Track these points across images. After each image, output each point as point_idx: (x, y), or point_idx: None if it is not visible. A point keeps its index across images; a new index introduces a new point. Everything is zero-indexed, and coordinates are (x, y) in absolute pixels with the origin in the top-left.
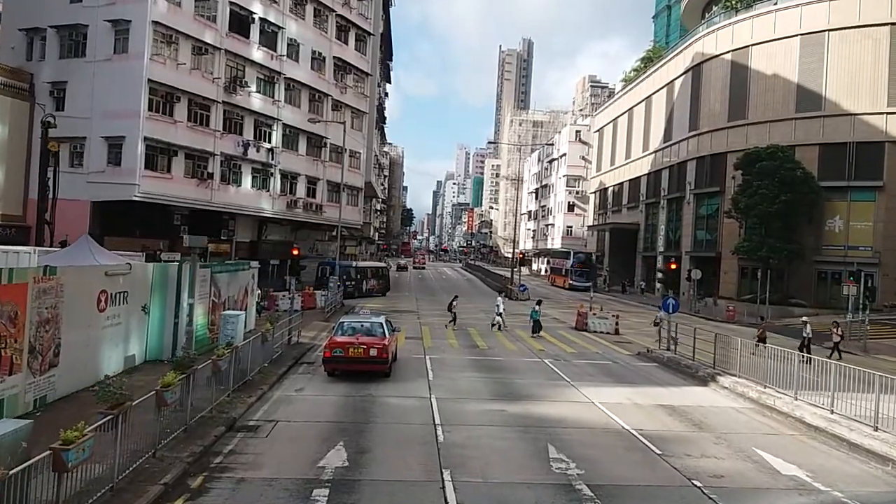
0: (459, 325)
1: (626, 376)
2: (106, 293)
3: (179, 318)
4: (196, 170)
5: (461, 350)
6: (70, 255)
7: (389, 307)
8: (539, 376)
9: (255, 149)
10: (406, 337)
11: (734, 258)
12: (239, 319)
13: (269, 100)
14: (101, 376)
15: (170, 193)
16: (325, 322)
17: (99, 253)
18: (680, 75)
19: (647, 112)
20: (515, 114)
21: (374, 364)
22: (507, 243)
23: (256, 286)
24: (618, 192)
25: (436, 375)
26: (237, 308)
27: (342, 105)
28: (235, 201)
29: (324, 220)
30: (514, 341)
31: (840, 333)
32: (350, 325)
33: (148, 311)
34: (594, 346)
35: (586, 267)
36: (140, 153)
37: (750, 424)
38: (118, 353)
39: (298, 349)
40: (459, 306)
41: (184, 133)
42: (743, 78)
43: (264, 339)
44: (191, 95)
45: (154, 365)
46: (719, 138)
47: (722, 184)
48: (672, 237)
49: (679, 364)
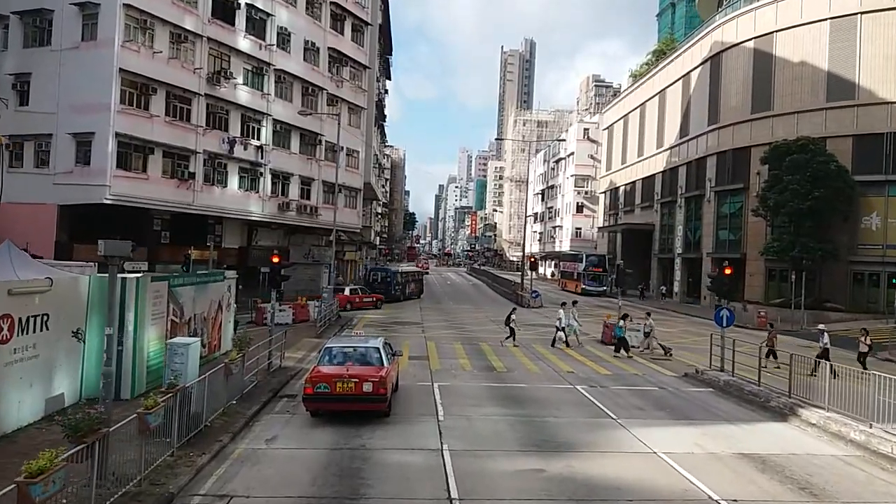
0: (470, 339)
1: (684, 409)
2: (10, 318)
3: (125, 344)
4: (176, 169)
5: (475, 373)
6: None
7: (391, 318)
8: (576, 411)
9: (243, 146)
10: (410, 356)
11: (760, 259)
12: (190, 350)
13: (258, 93)
14: (4, 428)
15: (146, 195)
16: (316, 339)
17: (23, 265)
18: (697, 66)
19: (660, 107)
20: (519, 113)
21: (370, 403)
22: (511, 246)
23: (233, 299)
24: (630, 192)
25: (447, 412)
26: (218, 325)
27: (338, 100)
28: (221, 204)
29: (319, 224)
30: (535, 360)
31: (868, 342)
32: (339, 351)
33: (83, 338)
34: (630, 366)
35: (600, 270)
36: (111, 151)
37: (873, 486)
38: (35, 395)
39: (280, 376)
40: (466, 315)
41: (161, 129)
42: (767, 67)
43: (228, 372)
44: (169, 87)
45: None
46: (742, 132)
47: (746, 180)
48: (691, 238)
49: (741, 390)
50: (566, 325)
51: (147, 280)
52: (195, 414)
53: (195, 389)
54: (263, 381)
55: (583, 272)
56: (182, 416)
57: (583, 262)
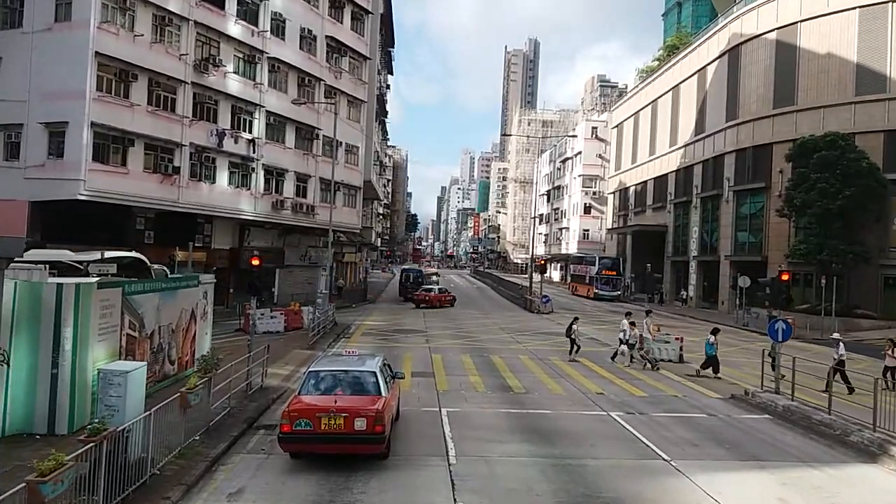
0: (479, 350)
1: (746, 445)
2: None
3: (60, 367)
4: (159, 163)
5: (489, 395)
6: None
7: (392, 325)
8: (618, 449)
9: (233, 139)
10: (413, 373)
11: (784, 263)
12: (131, 379)
13: (250, 83)
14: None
15: (125, 191)
16: (308, 350)
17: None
18: (714, 60)
19: (674, 103)
20: (524, 113)
21: (363, 444)
22: (516, 248)
23: (211, 306)
24: (641, 192)
25: (460, 450)
26: (189, 338)
27: (337, 91)
28: (209, 201)
29: (317, 224)
30: (555, 377)
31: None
32: (326, 375)
33: (7, 359)
34: (667, 385)
35: (614, 274)
36: (86, 142)
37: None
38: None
39: (260, 399)
40: (473, 322)
41: (143, 119)
42: (790, 59)
43: (186, 403)
44: (151, 74)
45: (17, 443)
46: (763, 128)
47: (767, 179)
48: (708, 240)
49: (809, 420)
50: (629, 336)
51: (91, 287)
52: (137, 461)
53: (136, 430)
54: (239, 406)
55: (595, 276)
56: (115, 466)
57: (595, 265)
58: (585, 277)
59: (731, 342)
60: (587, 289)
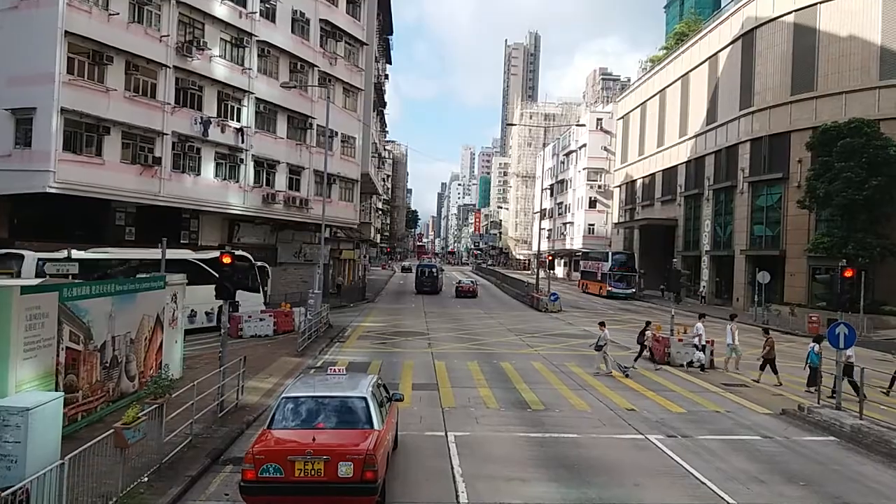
0: (487, 356)
1: (823, 482)
2: None
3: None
4: (138, 153)
5: (503, 414)
6: None
7: (392, 327)
8: (670, 489)
9: (220, 128)
10: (414, 385)
11: (803, 257)
12: (36, 417)
13: (238, 68)
14: None
15: (101, 184)
16: (296, 357)
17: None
18: (726, 46)
19: (683, 92)
20: (526, 106)
21: (350, 495)
22: (518, 244)
23: (181, 311)
24: (649, 185)
25: (473, 495)
26: (150, 351)
27: (332, 79)
28: (194, 195)
29: (311, 219)
30: (577, 389)
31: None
32: (304, 402)
33: None
34: (705, 398)
35: (628, 270)
36: (56, 130)
37: None
38: None
39: (233, 423)
40: (477, 322)
41: (120, 105)
42: (809, 43)
43: (122, 443)
44: (129, 56)
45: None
46: (780, 115)
47: (785, 169)
48: (721, 234)
49: (889, 445)
50: (729, 344)
51: (9, 292)
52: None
53: (44, 485)
54: (206, 433)
55: (608, 272)
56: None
57: (608, 262)
58: (597, 274)
59: (754, 342)
60: (599, 286)
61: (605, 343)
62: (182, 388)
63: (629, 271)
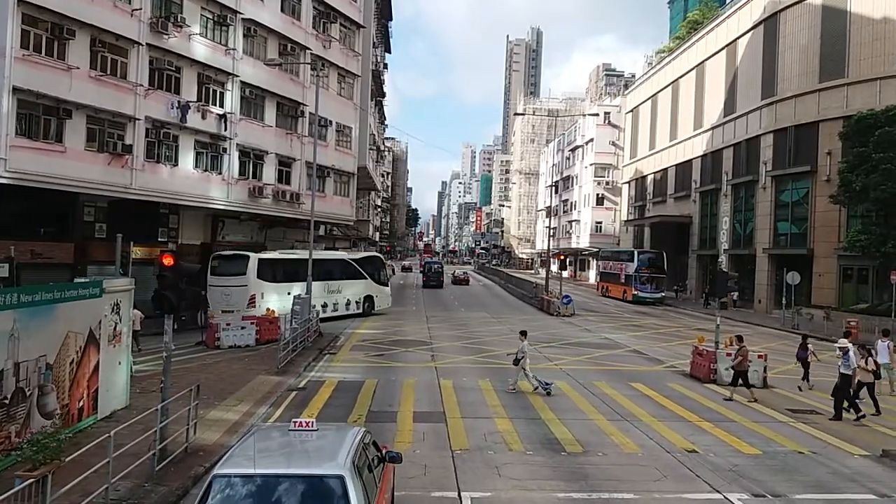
0: (499, 372)
1: None
2: None
3: None
4: (106, 140)
5: (532, 460)
6: None
7: (391, 334)
8: None
9: (200, 114)
10: (415, 415)
11: (833, 256)
12: None
13: (221, 48)
14: None
15: (62, 174)
16: (276, 376)
17: None
18: (746, 32)
19: (698, 82)
20: (528, 101)
21: None
22: (521, 243)
23: (132, 324)
24: (660, 180)
25: None
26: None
27: (326, 63)
28: (171, 187)
29: (302, 214)
30: (615, 419)
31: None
32: (245, 485)
33: None
34: (778, 433)
35: (657, 271)
36: (7, 112)
37: None
38: None
39: (176, 478)
40: (484, 328)
41: (84, 86)
42: (839, 26)
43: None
44: (94, 31)
45: None
46: (807, 104)
47: (813, 161)
48: (741, 231)
49: None
50: (885, 364)
51: None
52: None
53: None
54: (133, 497)
55: (634, 274)
56: None
57: (633, 262)
58: (620, 276)
59: (790, 350)
60: (623, 290)
61: (524, 356)
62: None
63: (659, 273)
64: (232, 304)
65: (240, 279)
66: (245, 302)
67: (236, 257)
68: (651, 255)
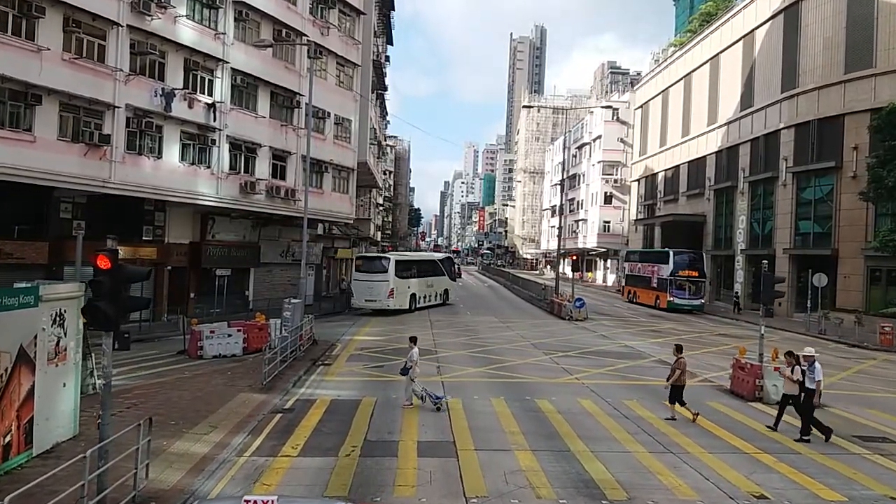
0: (515, 389)
1: None
2: None
3: None
4: (82, 130)
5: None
6: None
7: (392, 340)
8: None
9: (187, 102)
10: (419, 445)
11: (860, 257)
12: None
13: (210, 32)
14: None
15: (31, 166)
16: (260, 394)
17: None
18: (765, 21)
19: (712, 76)
20: (532, 99)
21: None
22: (525, 243)
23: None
24: (672, 178)
25: None
26: None
27: (324, 51)
28: (155, 182)
29: (299, 212)
30: (659, 451)
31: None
32: None
33: None
34: (853, 468)
35: (696, 275)
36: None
37: None
38: None
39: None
40: (492, 334)
41: (57, 69)
42: (866, 13)
43: None
44: (68, 10)
45: None
46: (831, 97)
47: (838, 157)
48: (759, 231)
49: None
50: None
51: None
52: None
53: None
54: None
55: (669, 277)
56: None
57: (668, 264)
58: (652, 280)
59: (830, 361)
60: (655, 295)
61: (413, 364)
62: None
63: (698, 277)
64: (374, 295)
65: (382, 276)
66: (386, 293)
67: (379, 258)
68: (689, 255)
